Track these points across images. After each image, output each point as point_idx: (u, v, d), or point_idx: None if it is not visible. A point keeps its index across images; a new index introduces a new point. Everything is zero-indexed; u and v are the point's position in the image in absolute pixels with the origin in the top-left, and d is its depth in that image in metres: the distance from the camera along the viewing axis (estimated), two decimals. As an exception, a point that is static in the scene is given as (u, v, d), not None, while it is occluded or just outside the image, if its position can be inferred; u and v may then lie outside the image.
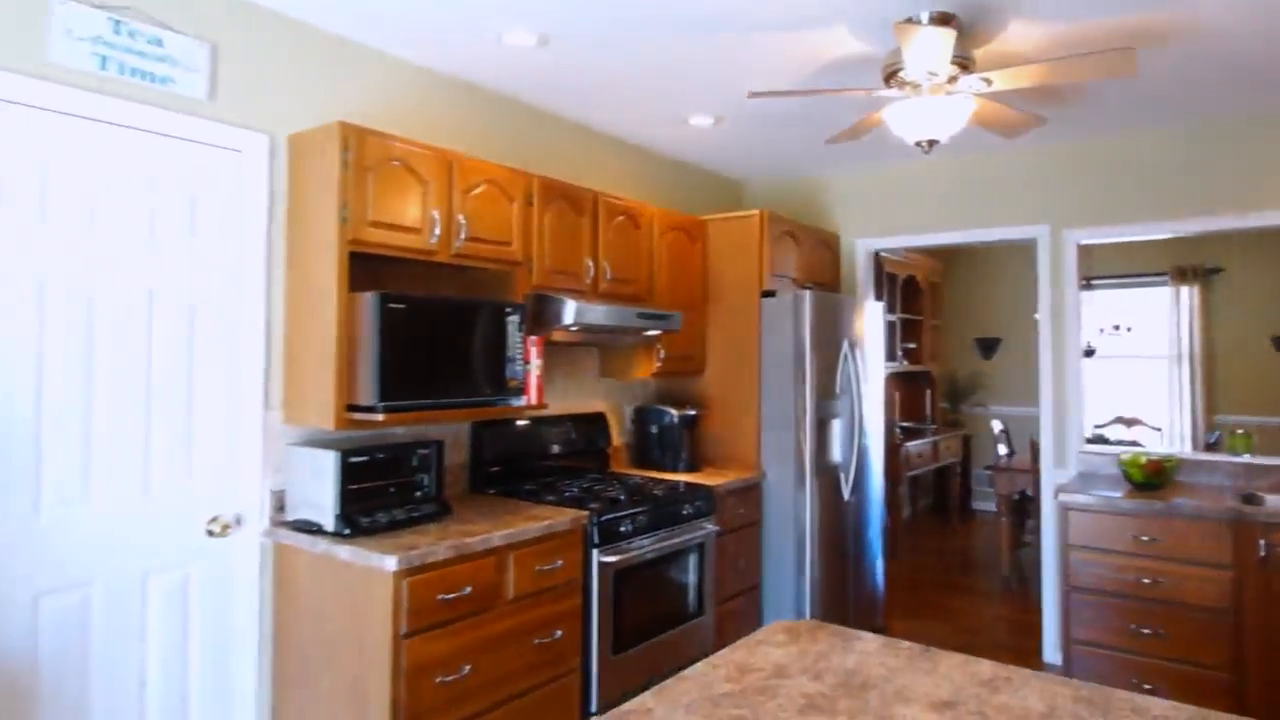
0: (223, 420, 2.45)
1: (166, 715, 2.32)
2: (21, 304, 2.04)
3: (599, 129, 3.92)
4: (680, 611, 3.26)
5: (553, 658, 2.69)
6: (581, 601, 2.81)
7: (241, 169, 2.49)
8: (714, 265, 4.10)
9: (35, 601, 2.06)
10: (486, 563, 2.47)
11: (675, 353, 3.88)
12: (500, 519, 2.67)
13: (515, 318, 2.86)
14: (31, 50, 2.06)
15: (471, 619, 2.42)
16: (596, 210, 3.40)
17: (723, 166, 4.69)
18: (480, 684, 2.43)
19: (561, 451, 3.53)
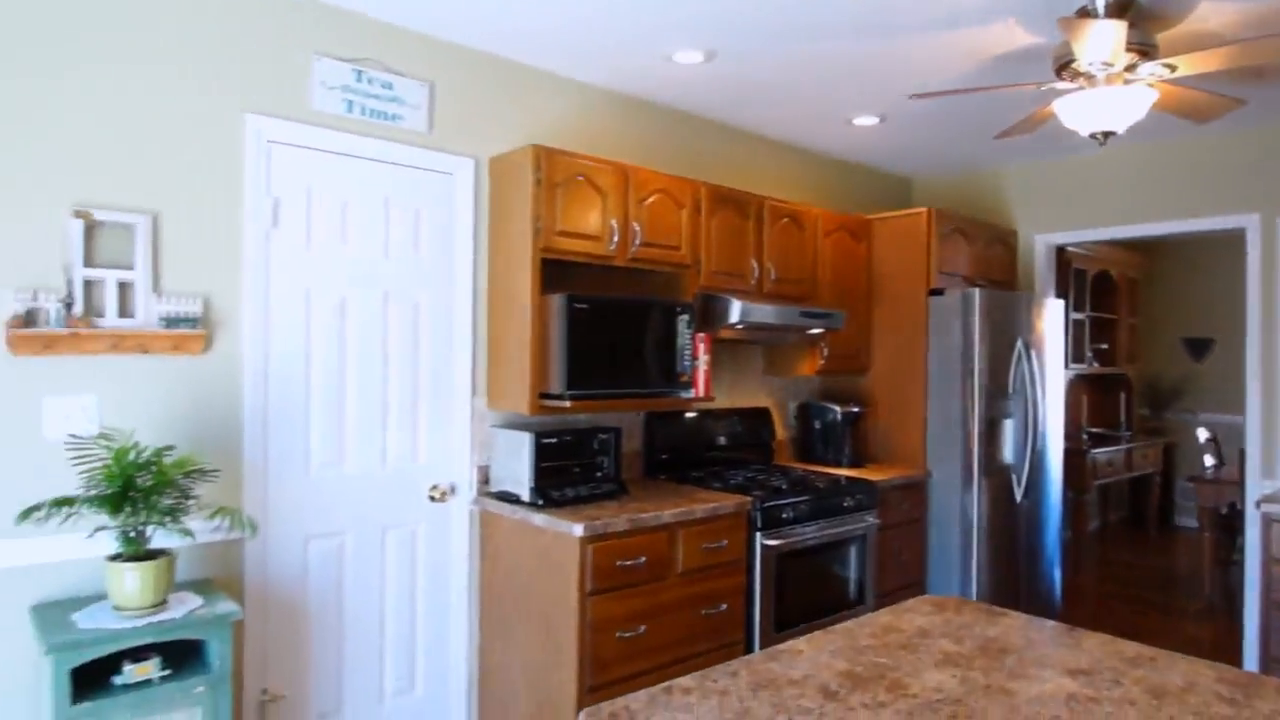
0: (439, 404, 2.88)
1: (399, 640, 2.78)
2: (296, 310, 2.54)
3: (764, 134, 4.08)
4: (841, 599, 3.36)
5: (719, 629, 2.90)
6: (745, 580, 3.00)
7: (453, 189, 2.92)
8: (879, 264, 4.13)
9: (306, 542, 2.57)
10: (659, 537, 2.72)
11: (839, 351, 3.96)
12: (670, 500, 2.92)
13: (685, 316, 3.09)
14: (298, 101, 2.56)
15: (646, 586, 2.68)
16: (761, 214, 3.57)
17: (889, 164, 4.69)
18: (655, 644, 2.69)
19: (727, 443, 3.73)
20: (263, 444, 2.47)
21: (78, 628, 1.91)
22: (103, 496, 1.92)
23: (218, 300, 2.38)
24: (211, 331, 2.37)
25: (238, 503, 2.40)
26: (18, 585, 2.07)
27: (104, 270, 2.17)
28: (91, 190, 2.18)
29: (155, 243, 2.27)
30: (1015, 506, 3.93)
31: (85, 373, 2.16)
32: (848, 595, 3.39)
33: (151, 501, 1.98)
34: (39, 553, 2.09)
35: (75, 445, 1.97)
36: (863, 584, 3.46)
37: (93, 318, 2.15)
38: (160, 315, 2.24)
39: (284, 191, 2.52)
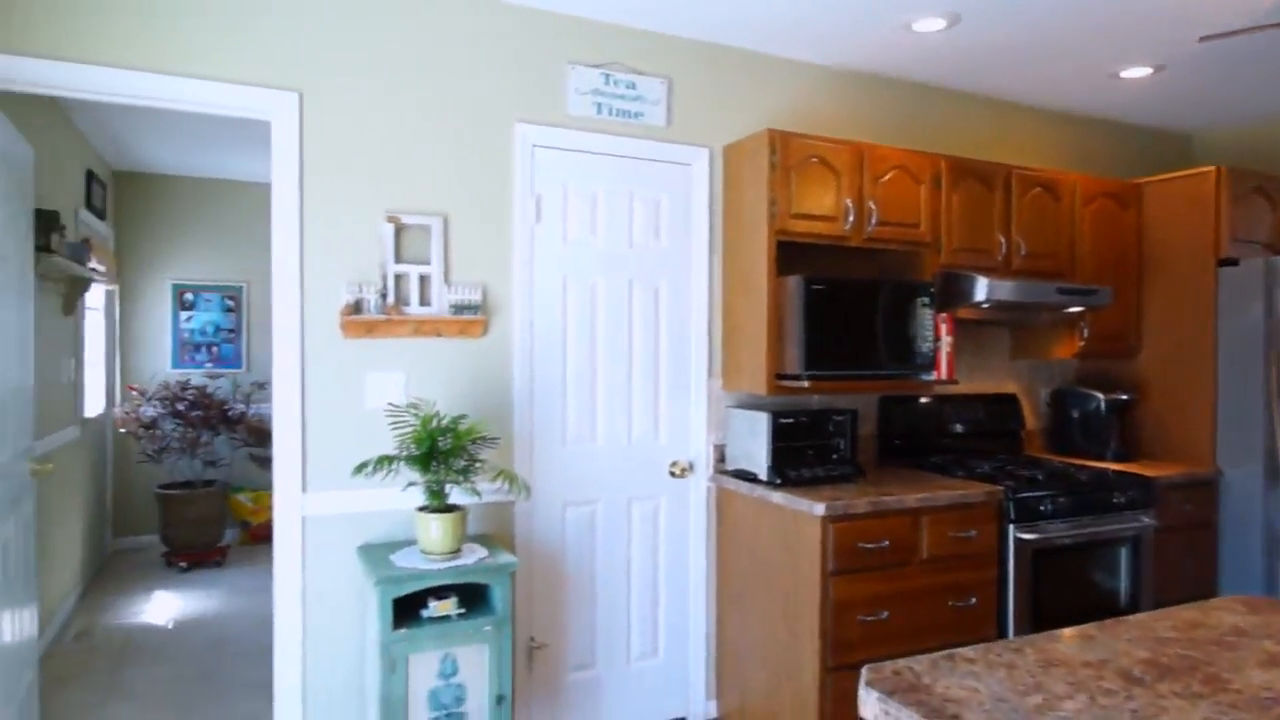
0: (678, 385, 3.03)
1: (643, 605, 2.98)
2: (554, 297, 2.81)
3: (1010, 99, 3.79)
4: (1109, 606, 3.04)
5: (968, 622, 2.77)
6: (997, 574, 2.83)
7: (689, 179, 3.05)
8: (1151, 233, 3.67)
9: (564, 508, 2.84)
10: (901, 521, 2.65)
11: (1102, 331, 3.58)
12: (911, 485, 2.83)
13: (925, 296, 2.98)
14: (556, 107, 2.82)
15: (889, 570, 2.63)
16: (1009, 184, 3.33)
17: (1162, 120, 4.14)
18: (897, 630, 2.63)
19: (968, 430, 3.53)
20: (529, 417, 2.76)
21: (396, 566, 2.27)
22: (414, 456, 2.27)
23: (493, 289, 2.71)
24: (489, 317, 2.69)
25: (509, 467, 2.70)
26: (349, 527, 2.51)
27: (408, 266, 2.56)
28: (399, 199, 2.57)
29: (446, 240, 2.63)
30: (1340, 513, 3.31)
31: (395, 352, 2.56)
32: (1117, 602, 3.06)
33: (450, 462, 2.31)
34: (364, 502, 2.51)
35: (392, 412, 2.35)
36: (1136, 592, 3.10)
37: (401, 306, 2.54)
38: (450, 303, 2.59)
39: (544, 190, 2.80)
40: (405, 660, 2.22)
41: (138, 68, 2.28)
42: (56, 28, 2.21)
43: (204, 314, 5.72)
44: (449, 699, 2.28)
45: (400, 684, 2.20)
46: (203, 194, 5.71)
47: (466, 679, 2.30)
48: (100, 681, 3.37)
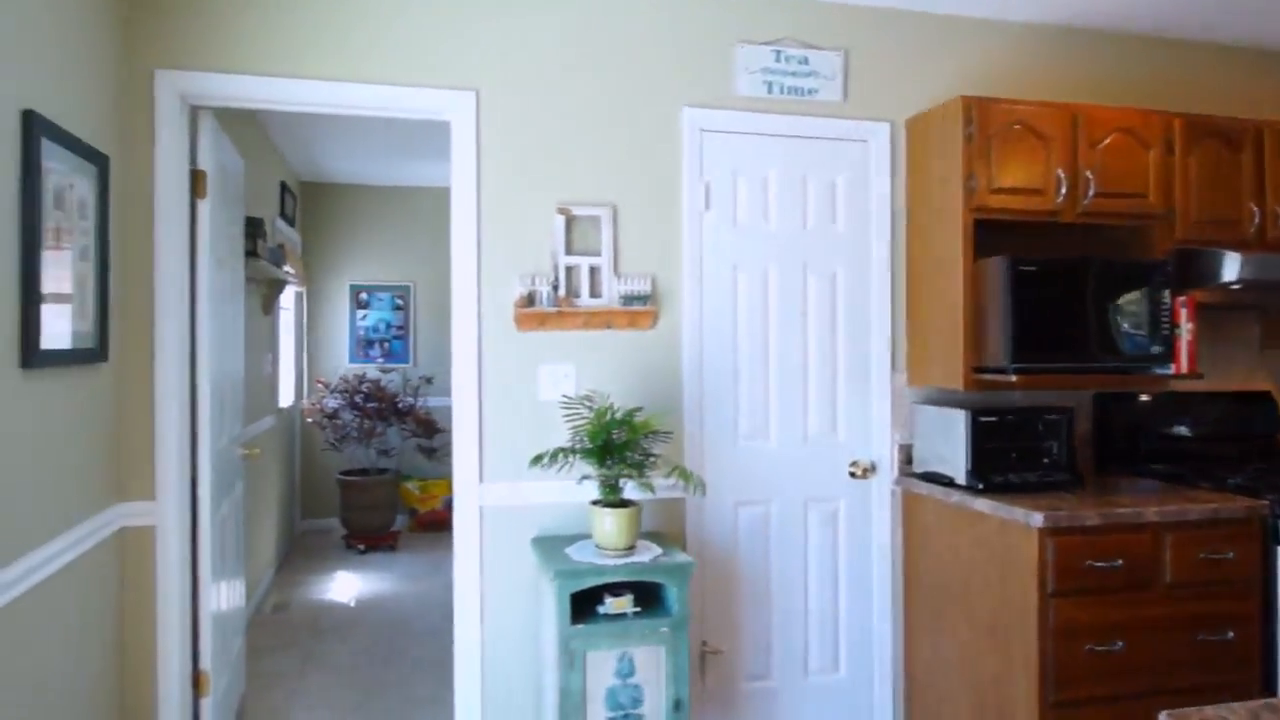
0: (857, 379, 2.79)
1: (822, 616, 2.76)
2: (724, 287, 2.66)
3: (1258, 44, 3.22)
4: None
5: (1223, 661, 2.34)
6: (1261, 606, 2.38)
7: (868, 157, 2.80)
8: None
9: (736, 508, 2.69)
10: (1139, 538, 2.28)
11: (1385, 315, 2.96)
12: (1145, 496, 2.44)
13: (1160, 277, 2.56)
14: (723, 89, 2.67)
15: (1123, 594, 2.27)
16: (1260, 143, 2.81)
17: None
18: (1133, 665, 2.26)
19: (1207, 434, 3.03)
20: (698, 412, 2.63)
21: (572, 560, 2.21)
22: (589, 449, 2.20)
23: (662, 279, 2.60)
24: (658, 308, 2.59)
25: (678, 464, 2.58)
26: (523, 519, 2.49)
27: (579, 257, 2.50)
28: (569, 190, 2.53)
29: (615, 231, 2.55)
30: None
31: (566, 345, 2.52)
32: None
33: (625, 456, 2.22)
34: (538, 494, 2.49)
35: (567, 405, 2.30)
36: None
37: (572, 298, 2.48)
38: (620, 294, 2.51)
39: (713, 175, 2.65)
40: (583, 656, 2.16)
41: (334, 78, 2.38)
42: (262, 47, 2.34)
43: (377, 312, 6.08)
44: (626, 699, 2.19)
45: (579, 680, 2.14)
46: (376, 200, 6.07)
47: (643, 680, 2.20)
48: (297, 652, 3.61)
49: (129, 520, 2.26)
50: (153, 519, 2.27)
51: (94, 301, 2.01)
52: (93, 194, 1.98)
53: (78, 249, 1.91)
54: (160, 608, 2.28)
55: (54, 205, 1.75)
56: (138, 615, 2.27)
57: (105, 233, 2.08)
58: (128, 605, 2.26)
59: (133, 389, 2.27)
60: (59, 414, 1.87)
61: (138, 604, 2.27)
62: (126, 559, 2.27)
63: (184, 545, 2.34)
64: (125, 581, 2.26)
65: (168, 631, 2.29)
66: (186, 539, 2.35)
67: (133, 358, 2.27)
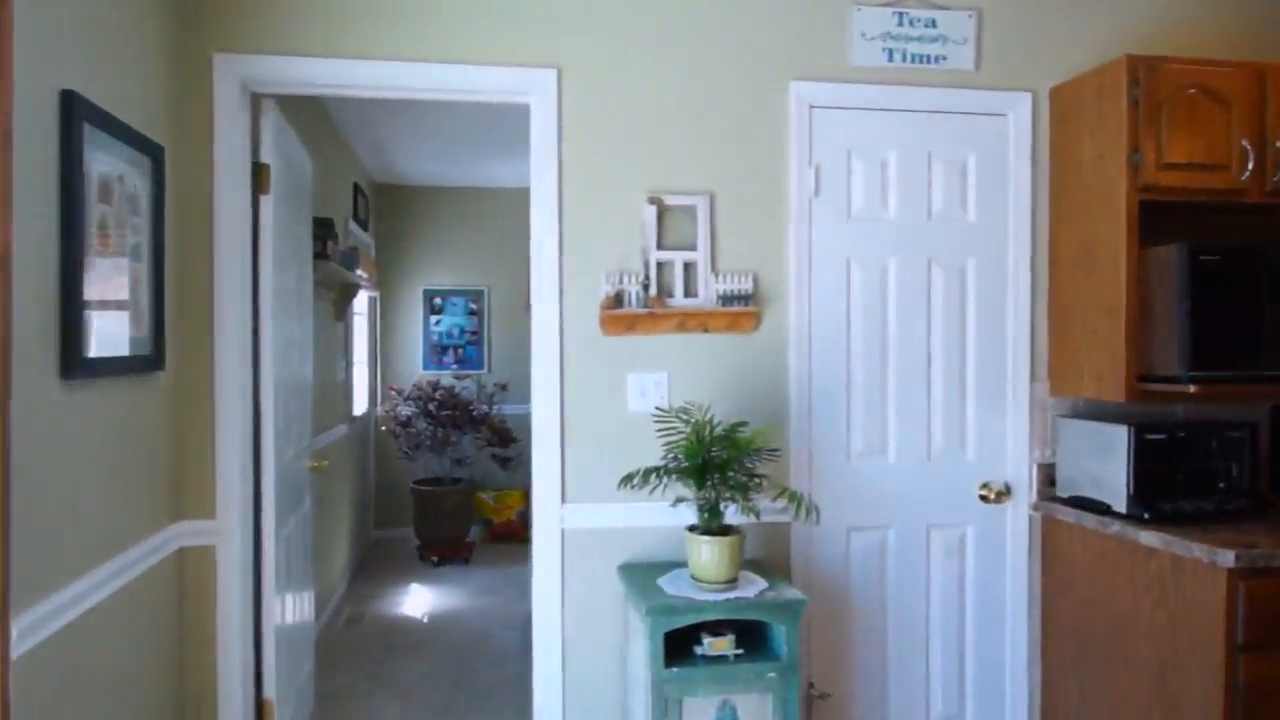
0: (988, 388, 2.43)
1: (946, 655, 2.43)
2: (836, 284, 2.35)
3: None
4: None
5: None
6: None
7: (1005, 132, 2.44)
8: None
9: (848, 533, 2.37)
10: (1351, 583, 1.87)
11: None
12: (1354, 530, 2.01)
13: (1368, 264, 2.13)
14: (837, 59, 2.35)
15: (1329, 651, 1.87)
16: None
17: None
18: (1349, 740, 1.86)
19: None
20: (806, 427, 2.32)
21: (665, 593, 1.94)
22: (686, 469, 1.93)
23: (765, 276, 2.30)
24: (761, 309, 2.29)
25: (784, 481, 2.28)
26: (610, 544, 2.23)
27: (671, 252, 2.23)
28: (661, 177, 2.26)
29: (712, 222, 2.27)
30: None
31: (657, 350, 2.25)
32: None
33: (726, 477, 1.93)
34: (626, 516, 2.23)
35: (660, 418, 2.03)
36: None
37: (664, 298, 2.22)
38: (718, 293, 2.22)
39: (824, 158, 2.34)
40: (679, 704, 1.89)
41: (403, 58, 2.18)
42: (326, 25, 2.15)
43: (450, 318, 5.95)
44: (728, 755, 1.91)
45: (674, 731, 1.87)
46: (450, 202, 5.94)
47: (747, 734, 1.91)
48: (367, 670, 3.45)
49: (188, 540, 2.10)
50: (214, 539, 2.11)
51: (148, 305, 1.85)
52: (146, 187, 1.82)
53: (129, 247, 1.74)
54: (221, 634, 2.12)
55: (99, 198, 1.58)
56: (198, 641, 2.12)
57: (160, 230, 1.91)
58: (188, 631, 2.11)
59: (191, 400, 2.10)
60: (109, 427, 1.70)
61: (198, 629, 2.12)
62: (186, 581, 2.11)
63: (247, 566, 2.17)
64: (185, 605, 2.11)
65: (229, 657, 2.13)
66: (249, 560, 2.18)
67: (191, 366, 2.11)
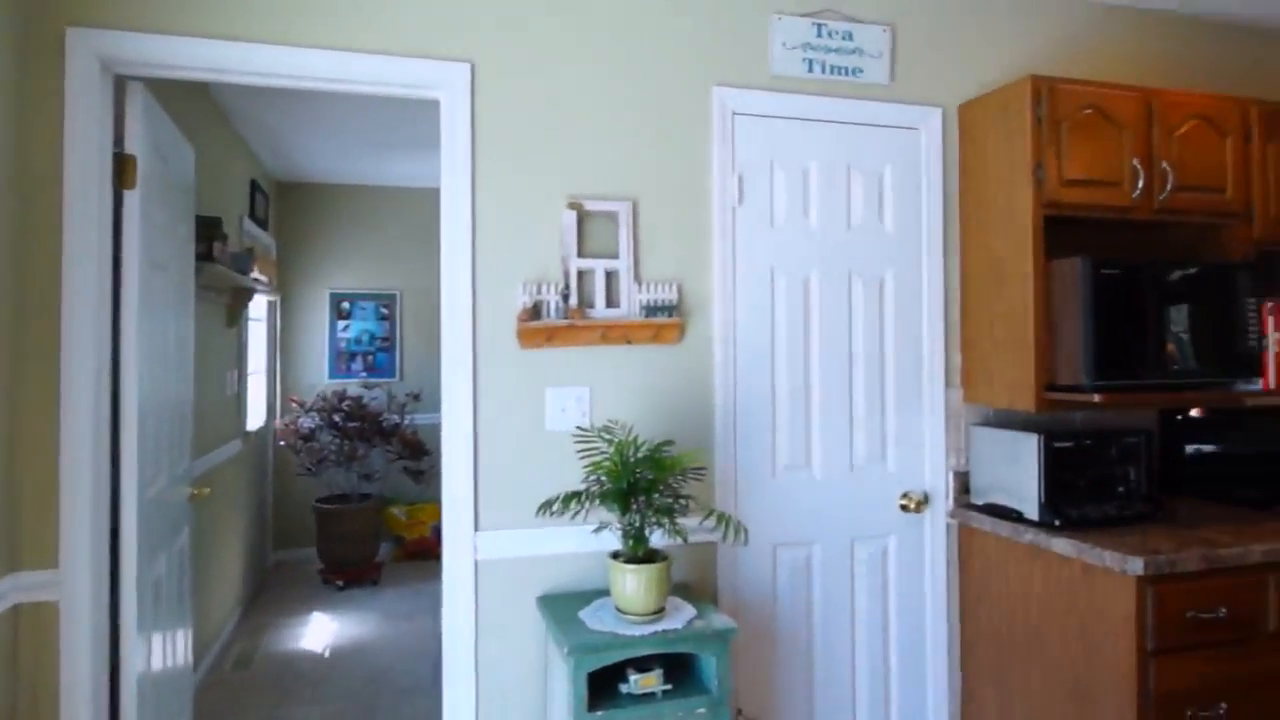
0: (907, 399, 2.45)
1: (872, 670, 2.42)
2: (760, 294, 2.31)
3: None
4: None
5: (1334, 722, 2.03)
6: (1376, 655, 2.08)
7: (917, 146, 2.48)
8: None
9: (774, 551, 2.33)
10: (1243, 582, 1.98)
11: None
12: (1238, 530, 2.13)
13: (1246, 281, 2.27)
14: (758, 67, 2.33)
15: (1225, 649, 1.96)
16: (1342, 133, 2.53)
17: None
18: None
19: (1274, 452, 2.74)
20: (732, 442, 2.28)
21: (588, 628, 1.84)
22: (611, 492, 1.84)
23: (689, 286, 2.25)
24: (685, 319, 2.23)
25: (709, 502, 2.23)
26: (529, 573, 2.11)
27: (593, 260, 2.14)
28: (582, 182, 2.17)
29: (635, 229, 2.19)
30: None
31: (577, 363, 2.15)
32: None
33: (652, 500, 1.86)
34: (545, 544, 2.11)
35: (581, 438, 1.93)
36: None
37: (585, 308, 2.12)
38: (641, 304, 2.15)
39: (747, 166, 2.31)
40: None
41: (296, 43, 1.98)
42: (199, 1, 1.94)
43: (360, 323, 5.67)
44: (656, 795, 1.83)
45: (600, 777, 1.77)
46: (359, 201, 5.66)
47: (675, 771, 1.84)
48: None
49: (24, 595, 1.79)
50: (55, 593, 1.81)
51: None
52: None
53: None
54: (65, 700, 1.81)
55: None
56: (35, 711, 1.81)
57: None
58: (22, 701, 1.80)
59: (30, 429, 1.80)
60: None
61: (37, 696, 1.80)
62: (21, 644, 1.80)
63: (100, 619, 1.87)
64: (19, 671, 1.80)
65: (73, 725, 1.82)
66: (103, 611, 1.89)
67: (30, 389, 1.81)
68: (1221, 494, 2.58)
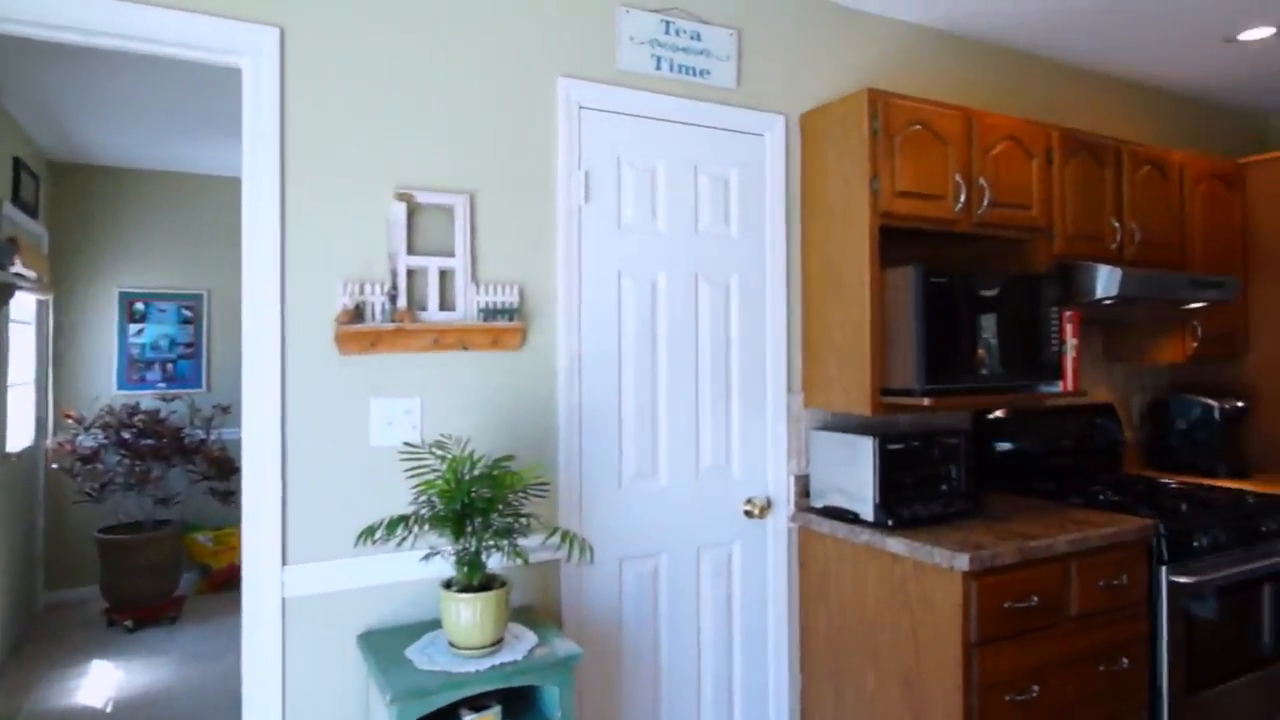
0: (751, 404, 2.45)
1: (717, 680, 2.39)
2: (607, 297, 2.22)
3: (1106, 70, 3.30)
4: (1260, 651, 2.55)
5: (1118, 690, 2.25)
6: (1149, 629, 2.32)
7: (763, 152, 2.49)
8: (1262, 219, 3.21)
9: (620, 564, 2.24)
10: (1051, 571, 2.12)
11: (1215, 330, 3.11)
12: (1043, 521, 2.30)
13: (1051, 291, 2.46)
14: (605, 60, 2.24)
15: (1038, 634, 2.10)
16: (1119, 161, 2.83)
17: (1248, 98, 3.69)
18: (1047, 708, 2.10)
19: (1069, 446, 3.02)
20: (577, 453, 2.16)
21: (416, 668, 1.66)
22: (443, 515, 1.66)
23: (532, 288, 2.11)
24: (527, 323, 2.09)
25: (552, 517, 2.10)
26: (348, 609, 1.88)
27: (425, 258, 1.95)
28: (413, 171, 1.96)
29: (472, 225, 2.02)
30: None
31: (407, 372, 1.95)
32: (1259, 648, 2.56)
33: (489, 521, 1.70)
34: (367, 574, 1.89)
35: (410, 455, 1.74)
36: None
37: (416, 311, 1.93)
38: (479, 306, 1.98)
39: (594, 163, 2.21)
40: (434, 796, 1.61)
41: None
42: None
43: (157, 327, 4.99)
44: (495, 843, 1.67)
45: (432, 832, 1.59)
46: (158, 189, 4.98)
47: (518, 813, 1.69)
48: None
49: None
50: None
51: None
52: None
53: None
54: None
55: None
56: None
57: None
58: None
59: None
60: None
61: None
62: None
63: None
64: None
65: None
66: None
67: None
68: (1024, 487, 2.81)
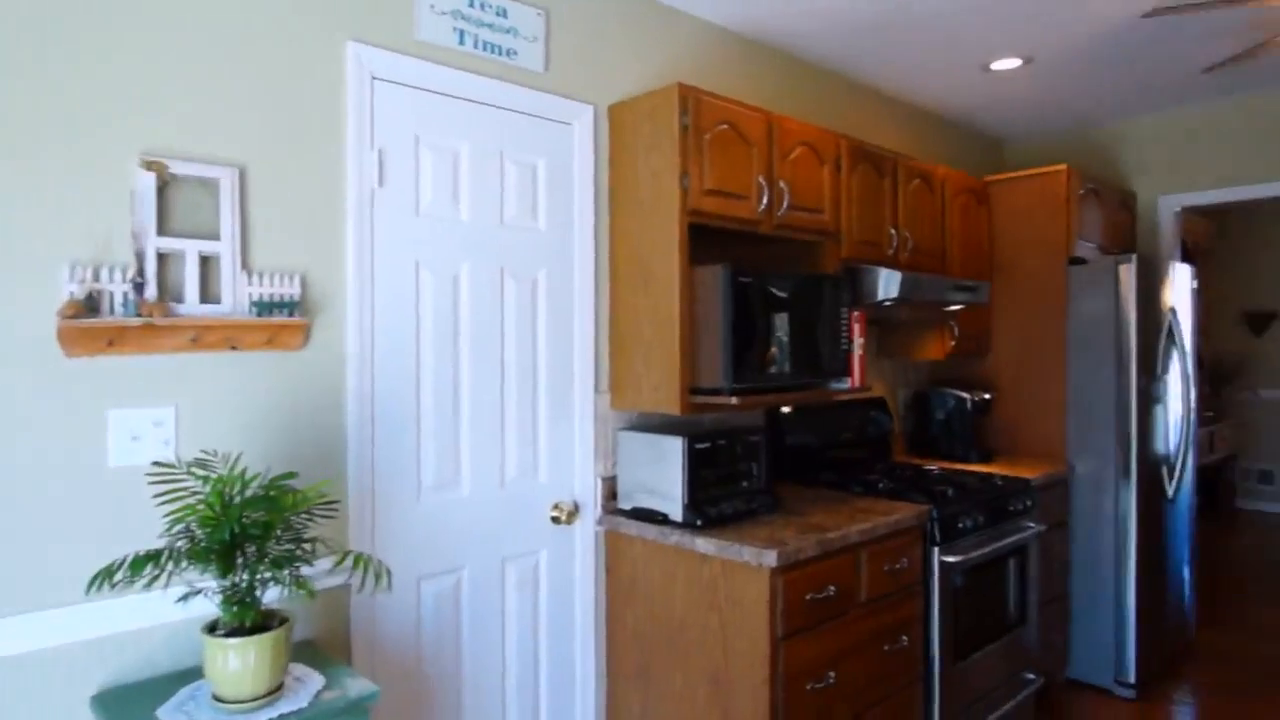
0: (560, 405, 2.37)
1: (522, 698, 2.28)
2: (404, 290, 2.01)
3: (878, 87, 3.58)
4: (1004, 619, 2.91)
5: (899, 666, 2.44)
6: (923, 607, 2.55)
7: (571, 142, 2.39)
8: (1002, 231, 3.67)
9: (418, 584, 2.06)
10: (845, 561, 2.25)
11: (969, 330, 3.51)
12: (835, 512, 2.44)
13: (843, 293, 2.61)
14: (402, 27, 2.02)
15: (833, 623, 2.22)
16: (896, 173, 3.08)
17: (990, 122, 4.21)
18: (841, 693, 2.23)
19: (849, 438, 3.27)
20: (369, 465, 1.94)
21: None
22: (208, 548, 1.40)
23: (317, 279, 1.85)
24: (311, 319, 1.83)
25: (342, 538, 1.88)
26: (77, 666, 1.53)
27: (182, 240, 1.63)
28: (166, 135, 1.63)
29: (243, 204, 1.73)
30: (1165, 504, 3.52)
31: (159, 376, 1.63)
32: (1008, 615, 2.94)
33: (265, 551, 1.46)
34: (107, 622, 1.56)
35: (162, 475, 1.44)
36: (1024, 600, 3.02)
37: (169, 303, 1.61)
38: (252, 299, 1.70)
39: (389, 141, 1.98)
40: None
41: None
42: None
43: None
44: None
45: None
46: None
47: None
48: None
49: None
50: None
51: None
52: None
53: None
54: None
55: None
56: None
57: None
58: None
59: None
60: None
61: None
62: None
63: None
64: None
65: None
66: None
67: None
68: (812, 478, 2.98)
